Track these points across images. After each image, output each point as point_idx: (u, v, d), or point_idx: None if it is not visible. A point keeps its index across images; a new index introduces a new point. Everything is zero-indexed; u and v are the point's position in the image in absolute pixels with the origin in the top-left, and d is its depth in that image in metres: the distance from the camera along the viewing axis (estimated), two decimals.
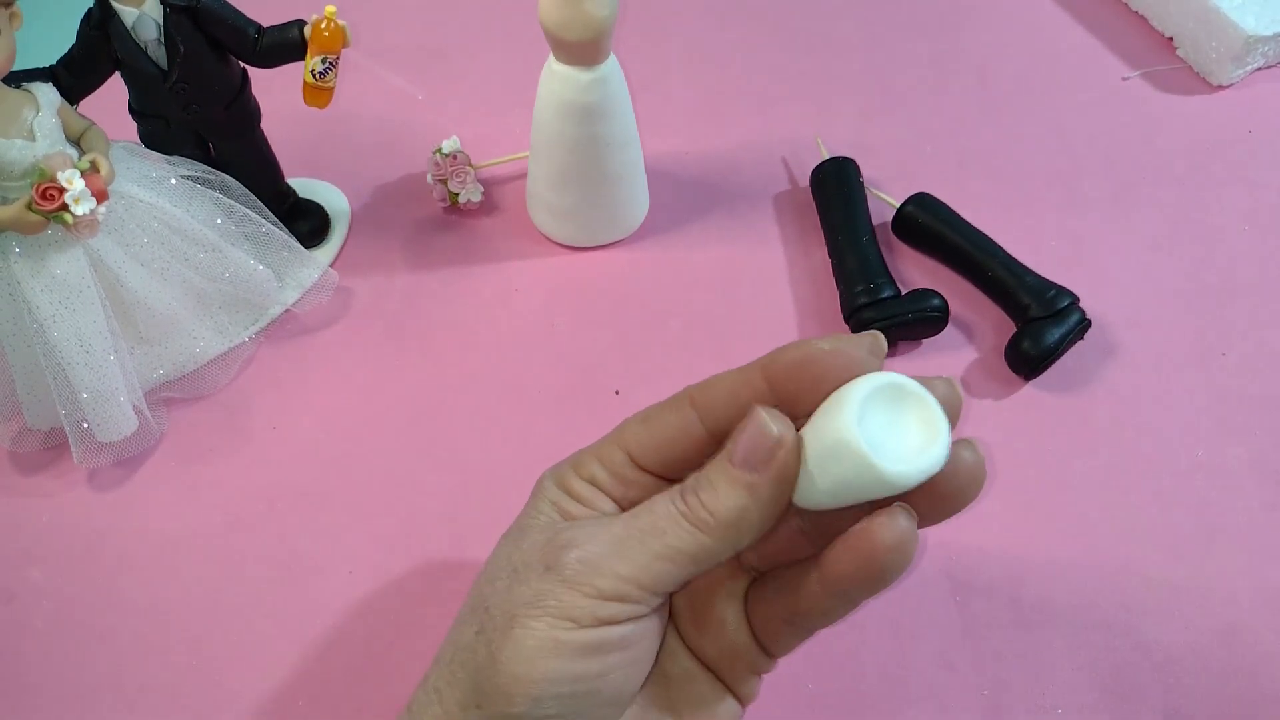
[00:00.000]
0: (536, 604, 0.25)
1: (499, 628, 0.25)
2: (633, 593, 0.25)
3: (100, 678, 0.38)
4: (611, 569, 0.24)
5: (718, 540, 0.25)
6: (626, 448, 0.28)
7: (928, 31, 0.62)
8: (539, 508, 0.28)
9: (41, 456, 0.45)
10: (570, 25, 0.41)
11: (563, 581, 0.25)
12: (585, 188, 0.48)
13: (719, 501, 0.25)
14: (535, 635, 0.24)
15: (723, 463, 0.25)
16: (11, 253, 0.39)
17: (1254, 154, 0.54)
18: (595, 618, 0.24)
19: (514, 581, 0.26)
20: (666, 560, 0.25)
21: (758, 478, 0.24)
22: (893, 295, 0.45)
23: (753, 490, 0.24)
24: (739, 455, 0.25)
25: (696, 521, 0.25)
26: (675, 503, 0.25)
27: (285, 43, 0.43)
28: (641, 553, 0.25)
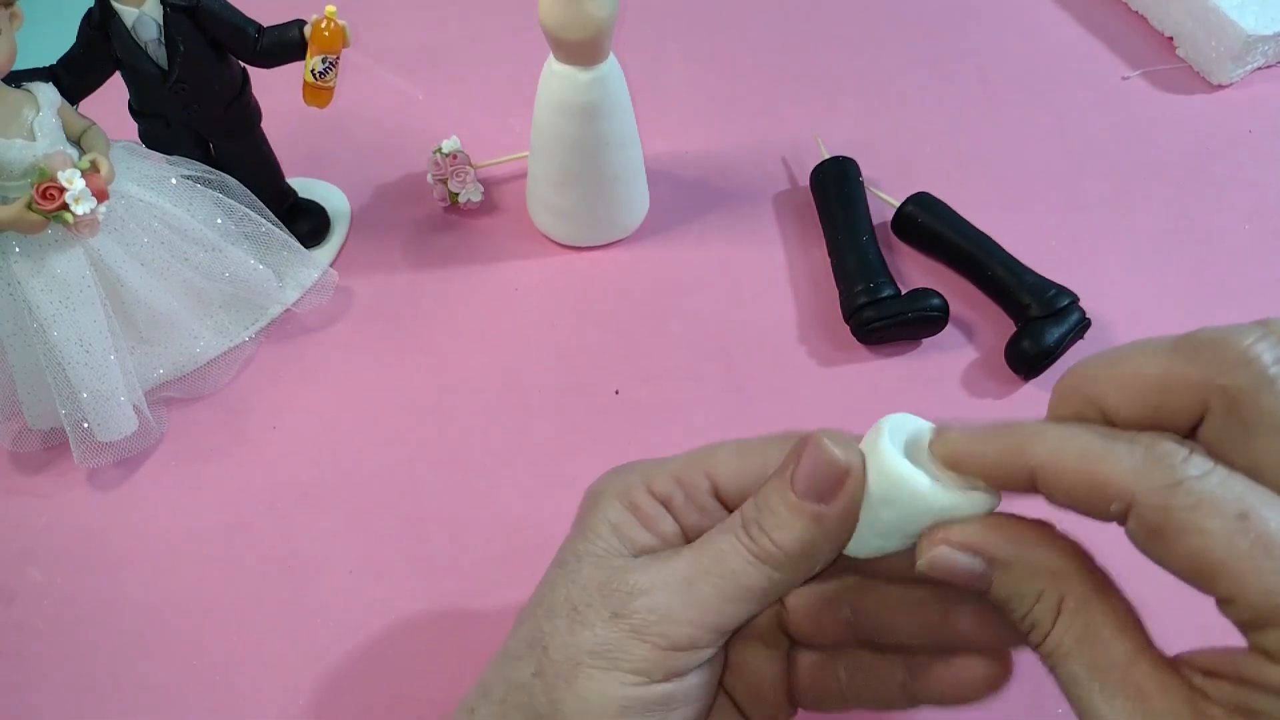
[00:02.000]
0: (603, 654, 0.23)
1: (561, 674, 0.24)
2: (704, 637, 0.24)
3: (100, 678, 0.38)
4: (684, 616, 0.23)
5: (788, 574, 0.24)
6: (714, 477, 0.26)
7: (928, 31, 0.62)
8: (597, 530, 0.26)
9: (41, 456, 0.45)
10: (570, 25, 0.41)
11: (632, 631, 0.23)
12: (585, 188, 0.48)
13: (786, 535, 0.23)
14: (602, 689, 0.23)
15: (784, 491, 0.24)
16: (12, 252, 0.39)
17: (1254, 153, 0.54)
18: (666, 671, 0.23)
19: (575, 622, 0.24)
20: (737, 600, 0.24)
21: (825, 508, 0.23)
22: (892, 294, 0.45)
23: (820, 521, 0.23)
24: (801, 484, 0.23)
25: (765, 557, 0.24)
26: (740, 538, 0.24)
27: (285, 42, 0.43)
28: (712, 595, 0.24)
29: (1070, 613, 0.21)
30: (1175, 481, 0.18)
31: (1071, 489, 0.20)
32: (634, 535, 0.26)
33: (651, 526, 0.26)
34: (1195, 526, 0.18)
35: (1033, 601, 0.21)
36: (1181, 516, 0.18)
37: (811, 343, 0.47)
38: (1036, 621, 0.21)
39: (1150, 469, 0.19)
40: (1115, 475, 0.19)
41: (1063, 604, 0.21)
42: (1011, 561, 0.21)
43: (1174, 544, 0.18)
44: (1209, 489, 0.18)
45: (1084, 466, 0.20)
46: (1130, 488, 0.19)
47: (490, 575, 0.40)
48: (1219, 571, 0.18)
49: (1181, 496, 0.18)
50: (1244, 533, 0.18)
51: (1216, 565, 0.18)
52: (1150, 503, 0.19)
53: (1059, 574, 0.21)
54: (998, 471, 0.22)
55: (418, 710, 0.37)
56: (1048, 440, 0.21)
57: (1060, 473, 0.20)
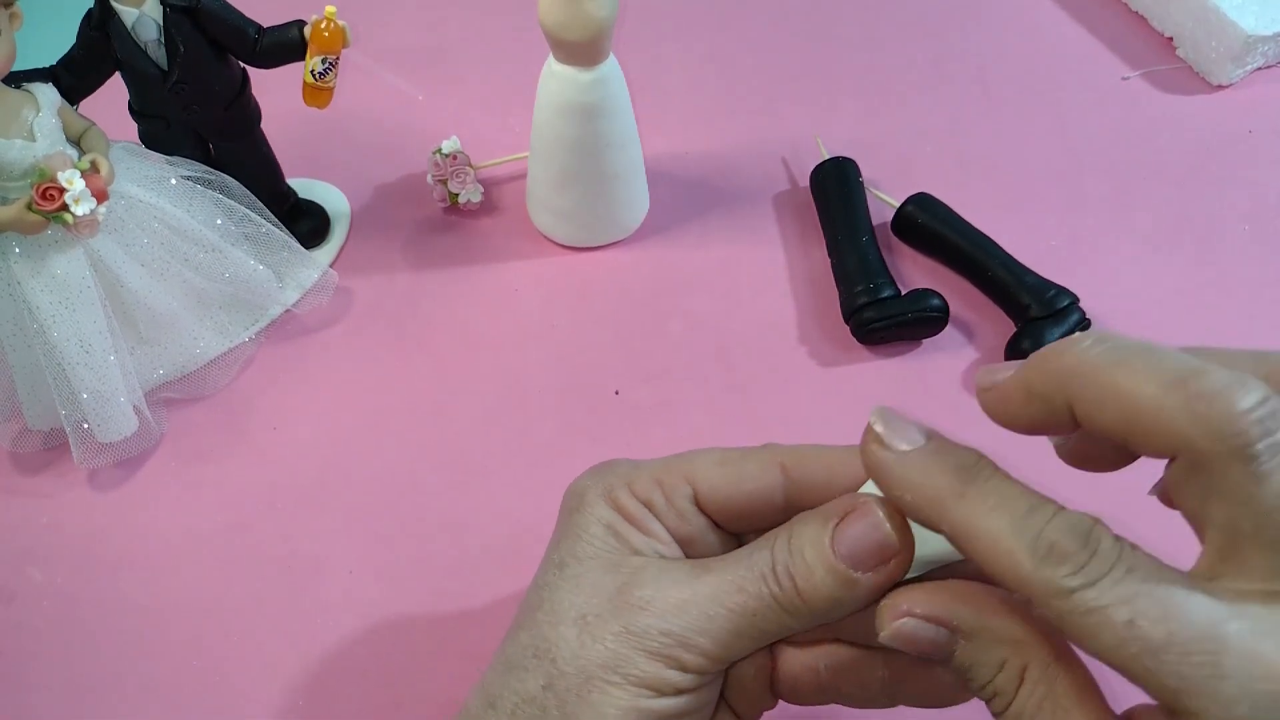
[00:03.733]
0: (615, 669, 0.24)
1: (573, 689, 0.24)
2: (713, 666, 0.24)
3: (100, 678, 0.38)
4: (696, 644, 0.24)
5: (805, 623, 0.24)
6: (694, 483, 0.26)
7: (928, 31, 0.62)
8: (590, 529, 0.26)
9: (42, 457, 0.45)
10: (570, 25, 0.41)
11: (644, 650, 0.24)
12: (585, 188, 0.48)
13: (815, 591, 0.23)
14: (616, 704, 0.23)
15: (823, 546, 0.23)
16: (12, 253, 0.39)
17: (1254, 154, 0.54)
18: (675, 688, 0.24)
19: (584, 633, 0.24)
20: (750, 638, 0.24)
21: (862, 578, 0.23)
22: (892, 295, 0.45)
23: (853, 587, 0.23)
24: (845, 547, 0.23)
25: (787, 605, 0.23)
26: (767, 581, 0.24)
27: (285, 43, 0.43)
28: (727, 630, 0.24)
29: (1033, 681, 0.21)
30: (1067, 591, 0.19)
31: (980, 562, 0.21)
32: (627, 535, 0.26)
33: (640, 526, 0.26)
34: (1089, 634, 0.19)
35: (995, 670, 0.21)
36: (1077, 623, 0.19)
37: (811, 343, 0.47)
38: (999, 690, 0.21)
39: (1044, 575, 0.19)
40: (1014, 573, 0.20)
41: (1025, 673, 0.21)
42: (976, 632, 0.21)
43: (1077, 643, 0.19)
44: (1099, 599, 0.19)
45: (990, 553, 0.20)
46: (1027, 589, 0.20)
47: (490, 575, 0.40)
48: (1121, 670, 0.19)
49: (1072, 605, 0.19)
50: (1132, 640, 0.18)
51: (1117, 666, 0.19)
52: (1049, 605, 0.19)
53: (1022, 643, 0.21)
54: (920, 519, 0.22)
55: (418, 710, 0.37)
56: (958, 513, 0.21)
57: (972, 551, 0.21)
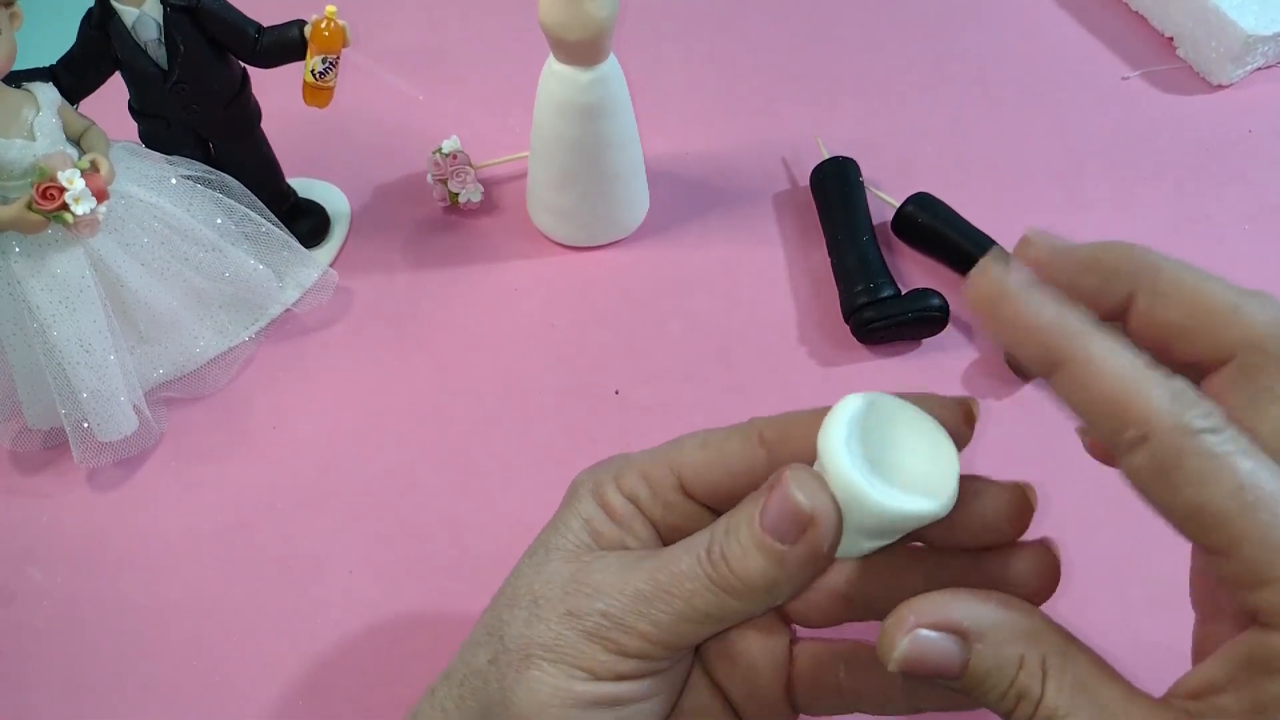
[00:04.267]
0: (554, 648, 0.24)
1: (513, 664, 0.24)
2: (655, 651, 0.24)
3: (100, 678, 0.38)
4: (634, 627, 0.23)
5: (745, 604, 0.23)
6: (679, 471, 0.26)
7: (928, 31, 0.62)
8: (569, 524, 0.26)
9: (42, 456, 0.45)
10: (570, 25, 0.41)
11: (584, 633, 0.24)
12: (585, 188, 0.48)
13: (746, 568, 0.23)
14: (549, 682, 0.23)
15: (751, 523, 0.23)
16: (12, 252, 0.39)
17: (1254, 153, 0.54)
18: (614, 672, 0.23)
19: (533, 615, 0.25)
20: (691, 622, 0.23)
21: (787, 549, 0.23)
22: (893, 295, 0.45)
23: (782, 561, 0.23)
24: (768, 521, 0.23)
25: (722, 584, 0.23)
26: (701, 563, 0.24)
27: (285, 42, 0.43)
28: (665, 614, 0.23)
29: (1057, 670, 0.20)
30: (1195, 430, 0.19)
31: (1097, 401, 0.20)
32: (604, 531, 0.26)
33: (622, 523, 0.26)
34: (1206, 476, 0.18)
35: (1015, 669, 0.21)
36: (1194, 464, 0.18)
37: (811, 343, 0.47)
38: (1024, 692, 0.21)
39: (1176, 410, 0.19)
40: (1142, 404, 0.19)
41: (1046, 664, 0.20)
42: (987, 630, 0.21)
43: (1180, 489, 0.19)
44: (1223, 444, 0.19)
45: (1117, 385, 0.19)
46: (1152, 421, 0.19)
47: (490, 575, 0.40)
48: (1221, 523, 0.18)
49: (1197, 444, 0.19)
50: (1251, 489, 0.18)
51: (1219, 516, 0.18)
52: (1167, 442, 0.19)
53: (1033, 634, 0.21)
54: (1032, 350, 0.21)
55: None
56: (1092, 347, 0.20)
57: (1091, 382, 0.20)
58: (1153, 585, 0.39)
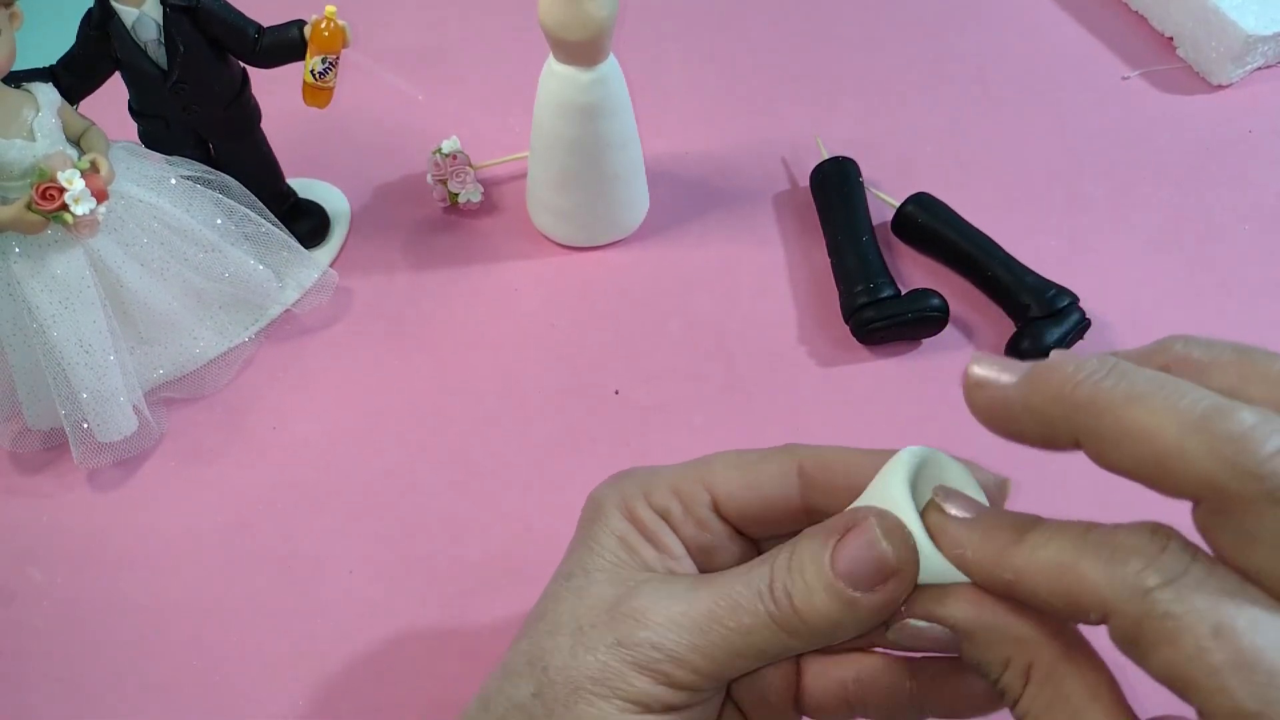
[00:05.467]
0: (604, 682, 0.23)
1: (560, 699, 0.23)
2: (704, 684, 0.23)
3: (100, 678, 0.38)
4: (686, 660, 0.23)
5: (805, 643, 0.23)
6: (712, 490, 0.26)
7: (928, 31, 0.62)
8: (602, 542, 0.26)
9: (41, 457, 0.45)
10: (570, 25, 0.41)
11: (634, 664, 0.23)
12: (585, 188, 0.48)
13: (814, 611, 0.22)
14: (600, 716, 0.23)
15: (821, 564, 0.22)
16: (11, 253, 0.39)
17: (1254, 153, 0.54)
18: (663, 704, 0.23)
19: (578, 645, 0.24)
20: (746, 657, 0.23)
21: (862, 597, 0.22)
22: (892, 295, 0.45)
23: (853, 607, 0.22)
24: (843, 565, 0.22)
25: (784, 625, 0.22)
26: (764, 599, 0.23)
27: (285, 43, 0.43)
28: (721, 648, 0.23)
29: (1037, 681, 0.20)
30: (1145, 591, 0.18)
31: (1049, 601, 0.20)
32: (639, 548, 0.25)
33: (653, 540, 0.26)
34: (1167, 640, 0.17)
35: (1001, 668, 0.21)
36: (1155, 627, 0.18)
37: (811, 343, 0.47)
38: (1006, 687, 0.21)
39: (1119, 579, 0.18)
40: (1088, 586, 0.19)
41: (1030, 671, 0.20)
42: (973, 631, 0.21)
43: (1149, 654, 0.18)
44: (1177, 601, 0.17)
45: (1059, 577, 0.19)
46: (1104, 598, 0.18)
47: (490, 575, 0.40)
48: (1191, 685, 0.17)
49: (1152, 607, 0.18)
50: (1218, 649, 0.17)
51: (1189, 679, 0.17)
52: (1124, 612, 0.18)
53: (1025, 641, 0.21)
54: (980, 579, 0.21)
55: (417, 710, 0.37)
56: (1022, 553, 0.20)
57: (1036, 587, 0.20)
58: None
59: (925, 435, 0.43)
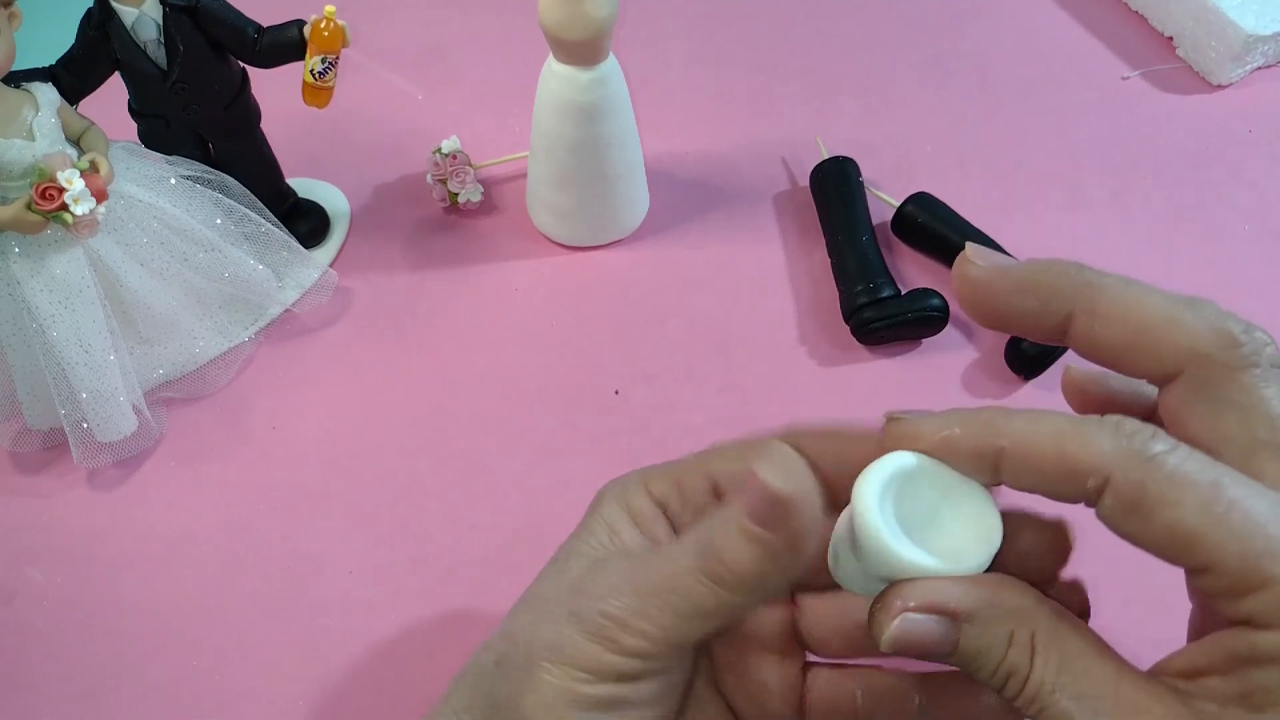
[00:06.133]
0: (558, 650, 0.24)
1: (519, 665, 0.24)
2: (655, 650, 0.24)
3: (100, 678, 0.38)
4: (633, 625, 0.23)
5: (740, 597, 0.23)
6: (714, 477, 0.26)
7: (928, 31, 0.62)
8: (592, 529, 0.26)
9: (41, 456, 0.44)
10: (570, 25, 0.41)
11: (586, 633, 0.24)
12: (585, 187, 0.48)
13: (736, 559, 0.23)
14: (554, 684, 0.23)
15: (737, 513, 0.23)
16: (11, 253, 0.39)
17: (1254, 153, 0.54)
18: (616, 673, 0.23)
19: (539, 618, 0.25)
20: (689, 618, 0.23)
21: (771, 537, 0.22)
22: (892, 295, 0.45)
23: (767, 548, 0.22)
24: (750, 510, 0.23)
25: (715, 579, 0.23)
26: (694, 556, 0.23)
27: (285, 42, 0.43)
28: (664, 611, 0.23)
29: (1044, 647, 0.20)
30: (1149, 456, 0.19)
31: (1043, 468, 0.20)
32: (626, 535, 0.26)
33: (645, 528, 0.26)
34: (1172, 498, 0.19)
35: (1005, 647, 0.21)
36: (1158, 489, 0.19)
37: (811, 343, 0.47)
38: (1013, 668, 0.21)
39: (1123, 446, 0.19)
40: (1089, 453, 0.19)
41: (1034, 640, 0.21)
42: (975, 610, 0.21)
43: (1151, 517, 0.19)
44: (1180, 462, 0.19)
45: (1057, 445, 0.20)
46: (1105, 464, 0.19)
47: (490, 575, 0.40)
48: (1196, 541, 0.18)
49: (1155, 470, 0.19)
50: (1218, 501, 0.18)
51: (1194, 534, 0.18)
52: (1127, 478, 0.19)
53: (1022, 611, 0.21)
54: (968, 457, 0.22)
55: (418, 710, 0.37)
56: (1017, 422, 0.21)
57: (1031, 453, 0.20)
58: (1152, 583, 0.39)
59: None
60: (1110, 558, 0.23)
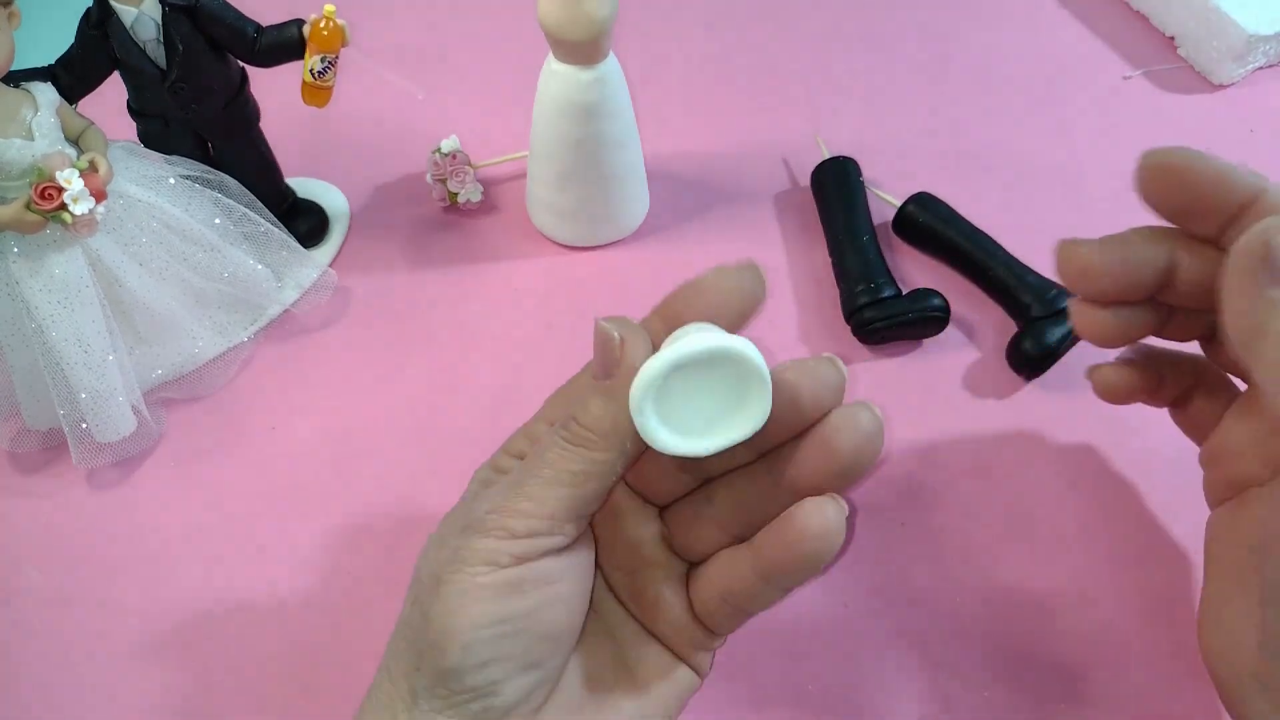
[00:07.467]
0: (456, 559, 0.26)
1: (427, 589, 0.26)
2: (541, 525, 0.26)
3: (98, 678, 0.38)
4: (516, 508, 0.26)
5: (603, 451, 0.26)
6: (549, 419, 0.31)
7: (929, 30, 0.62)
8: (469, 490, 0.30)
9: (40, 457, 0.44)
10: (570, 24, 0.41)
11: (477, 534, 0.26)
12: (585, 187, 0.48)
13: (589, 415, 0.26)
14: (457, 586, 0.25)
15: (587, 380, 0.27)
16: (10, 253, 0.39)
17: (1255, 153, 0.54)
18: (511, 556, 0.25)
19: (437, 548, 0.27)
20: (564, 485, 0.26)
21: (614, 381, 0.25)
22: (893, 295, 0.45)
23: (613, 394, 0.25)
24: (596, 368, 0.26)
25: (577, 440, 0.26)
26: (558, 431, 0.26)
27: (284, 42, 0.43)
28: (538, 485, 0.26)
29: None
30: None
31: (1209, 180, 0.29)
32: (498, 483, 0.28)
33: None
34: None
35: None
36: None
37: (812, 343, 0.47)
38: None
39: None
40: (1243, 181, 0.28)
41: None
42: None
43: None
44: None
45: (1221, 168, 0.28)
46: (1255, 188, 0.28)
47: None
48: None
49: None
50: None
51: None
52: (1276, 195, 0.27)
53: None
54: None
55: None
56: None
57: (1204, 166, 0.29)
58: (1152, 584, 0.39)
59: (926, 435, 0.43)
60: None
